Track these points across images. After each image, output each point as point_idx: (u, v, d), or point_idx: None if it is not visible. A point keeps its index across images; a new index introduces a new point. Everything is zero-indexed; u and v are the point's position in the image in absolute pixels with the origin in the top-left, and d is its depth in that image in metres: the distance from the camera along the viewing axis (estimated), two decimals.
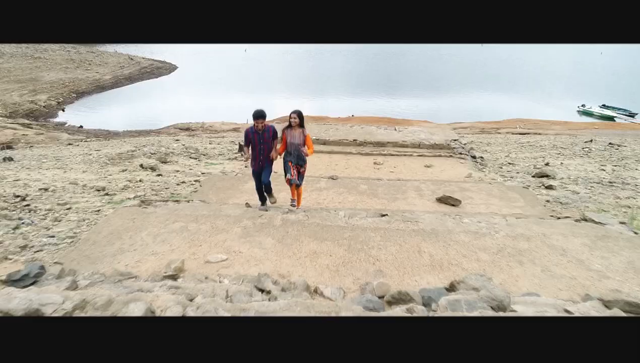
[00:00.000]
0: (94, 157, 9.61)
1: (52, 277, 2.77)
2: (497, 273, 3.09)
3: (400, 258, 3.27)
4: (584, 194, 6.59)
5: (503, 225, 3.88)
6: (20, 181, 7.13)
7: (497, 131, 20.39)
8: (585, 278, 3.06)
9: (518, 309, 2.37)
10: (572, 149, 11.21)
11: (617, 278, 3.06)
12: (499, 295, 2.44)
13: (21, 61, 31.89)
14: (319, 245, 3.42)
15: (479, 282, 2.80)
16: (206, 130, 21.97)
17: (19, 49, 33.57)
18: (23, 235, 4.41)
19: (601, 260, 3.29)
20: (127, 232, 3.57)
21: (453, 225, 3.86)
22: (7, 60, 31.41)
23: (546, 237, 3.62)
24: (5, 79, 28.87)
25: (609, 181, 7.60)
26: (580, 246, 3.50)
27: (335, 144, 9.27)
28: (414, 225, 3.81)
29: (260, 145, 4.56)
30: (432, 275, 3.07)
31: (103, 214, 5.12)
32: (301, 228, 3.70)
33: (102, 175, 7.62)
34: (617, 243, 3.55)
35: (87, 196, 6.17)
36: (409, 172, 7.89)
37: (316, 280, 2.95)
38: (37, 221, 4.99)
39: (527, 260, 3.28)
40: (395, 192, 5.91)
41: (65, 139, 19.19)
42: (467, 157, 8.78)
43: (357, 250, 3.36)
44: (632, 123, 23.54)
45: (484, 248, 3.43)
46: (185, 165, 8.76)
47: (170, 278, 2.79)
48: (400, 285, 2.90)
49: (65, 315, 2.08)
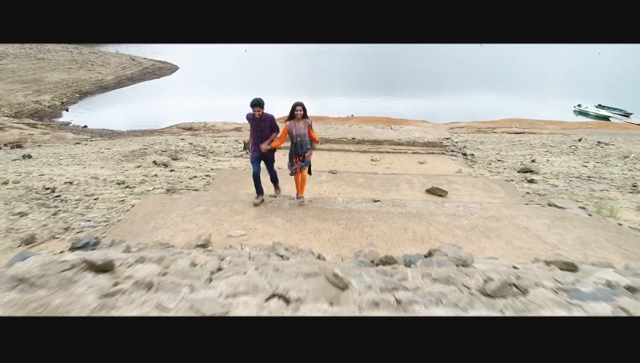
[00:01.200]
0: (108, 155, 10.31)
1: (106, 245, 3.46)
2: (468, 245, 3.79)
3: (389, 234, 3.97)
4: (562, 187, 7.30)
5: (478, 209, 4.59)
6: (45, 176, 7.83)
7: (493, 131, 21.07)
8: (540, 249, 3.76)
9: (477, 266, 3.07)
10: (560, 147, 11.93)
11: (566, 249, 3.77)
12: (463, 256, 3.15)
13: (25, 62, 32.57)
14: (321, 224, 4.13)
15: (451, 251, 3.50)
16: (208, 129, 22.63)
17: (23, 50, 34.24)
18: (63, 219, 5.12)
19: (556, 235, 4.00)
20: (159, 214, 4.28)
21: (435, 208, 4.57)
22: (11, 61, 32.08)
23: (513, 218, 4.33)
24: (10, 79, 29.55)
25: (587, 176, 8.31)
26: (541, 225, 4.20)
27: (335, 142, 9.98)
28: (401, 209, 4.52)
29: (257, 132, 4.63)
30: (415, 246, 3.77)
31: (128, 203, 5.83)
32: (306, 211, 4.41)
33: (120, 171, 8.32)
34: (572, 223, 4.26)
35: (110, 188, 6.87)
36: (403, 168, 8.59)
37: (319, 250, 3.65)
38: (70, 209, 5.70)
39: (494, 235, 3.98)
40: (389, 184, 6.61)
41: (71, 139, 19.79)
42: (459, 154, 9.49)
43: (353, 228, 4.06)
44: (625, 123, 24.21)
45: (460, 227, 4.13)
46: (195, 162, 9.47)
47: (201, 247, 3.49)
48: (388, 253, 3.60)
49: (129, 266, 2.76)
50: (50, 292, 2.11)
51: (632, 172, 8.71)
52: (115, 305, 2.02)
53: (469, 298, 2.20)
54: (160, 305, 2.00)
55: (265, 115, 4.62)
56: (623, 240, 3.93)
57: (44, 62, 33.13)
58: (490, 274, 2.64)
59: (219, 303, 2.02)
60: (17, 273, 2.24)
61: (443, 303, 2.12)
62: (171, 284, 2.23)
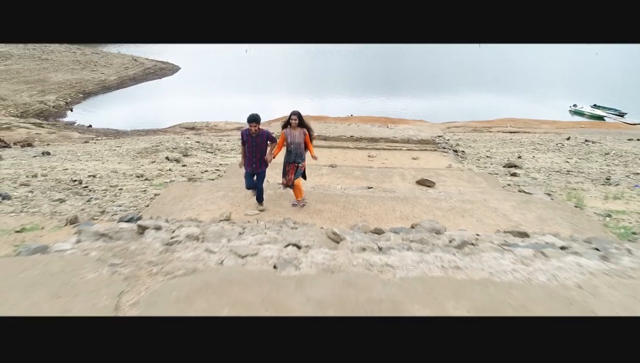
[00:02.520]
0: (122, 151, 11.13)
1: (147, 219, 4.26)
2: (445, 222, 4.61)
3: (380, 213, 4.79)
4: (540, 180, 8.12)
5: (456, 194, 5.41)
6: (69, 170, 8.65)
7: (488, 130, 21.88)
8: (505, 225, 4.58)
9: (447, 233, 3.88)
10: (548, 145, 12.76)
11: (527, 225, 4.58)
12: (436, 227, 3.98)
13: (29, 62, 33.37)
14: (322, 206, 4.95)
15: (429, 224, 4.31)
16: (211, 129, 23.41)
17: (26, 51, 35.04)
18: (97, 205, 5.94)
19: (520, 215, 4.82)
20: (184, 197, 5.10)
21: (420, 194, 5.39)
22: (15, 62, 32.88)
23: (485, 201, 5.15)
24: (15, 80, 30.35)
25: (567, 170, 9.13)
26: (508, 207, 5.02)
27: (334, 140, 10.80)
28: (391, 194, 5.35)
29: (253, 147, 4.73)
30: (401, 223, 4.59)
31: (150, 193, 6.64)
32: (309, 195, 5.22)
33: (136, 166, 9.14)
34: (535, 205, 5.08)
35: (131, 181, 7.69)
36: (398, 163, 9.41)
37: (321, 225, 4.46)
38: (100, 197, 6.51)
39: (468, 215, 4.80)
40: (383, 176, 7.43)
41: (77, 138, 20.52)
42: (450, 151, 10.32)
43: (349, 209, 4.88)
44: (617, 122, 25.02)
45: (439, 208, 4.95)
46: (204, 158, 10.30)
47: (224, 221, 4.30)
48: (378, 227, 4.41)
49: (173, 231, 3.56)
50: (126, 242, 2.94)
51: (610, 167, 9.53)
52: (176, 250, 2.84)
53: (431, 247, 3.02)
54: (208, 249, 2.83)
55: (261, 131, 4.75)
56: (576, 218, 4.75)
57: (48, 63, 33.95)
58: (455, 237, 3.47)
59: (250, 248, 2.85)
60: (98, 230, 3.07)
61: (412, 249, 2.95)
62: (213, 237, 3.05)
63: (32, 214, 5.44)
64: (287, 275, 2.51)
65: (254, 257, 2.71)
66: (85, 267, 2.58)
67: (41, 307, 2.22)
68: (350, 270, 2.57)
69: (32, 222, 5.13)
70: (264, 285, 2.39)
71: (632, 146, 13.28)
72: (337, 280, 2.44)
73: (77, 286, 2.39)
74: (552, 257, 2.78)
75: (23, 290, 2.37)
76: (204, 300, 2.25)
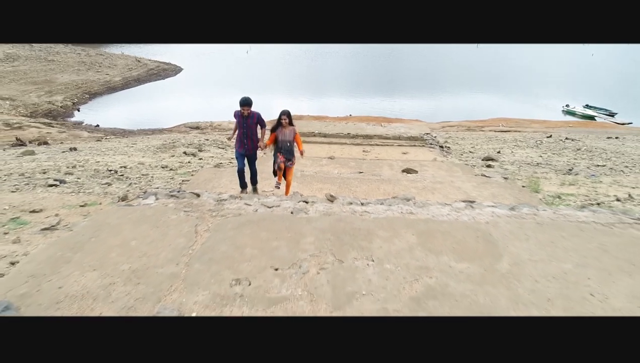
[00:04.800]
0: (142, 148, 12.58)
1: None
2: (418, 196, 6.05)
3: (367, 191, 6.24)
4: (511, 170, 9.57)
5: (430, 177, 6.87)
6: (101, 162, 10.09)
7: (481, 129, 23.34)
8: (463, 198, 6.01)
9: (417, 200, 5.32)
10: (528, 142, 14.23)
11: (481, 199, 6.02)
12: (408, 195, 5.42)
13: (36, 64, 34.81)
14: (322, 185, 6.40)
15: (404, 195, 5.76)
16: (215, 128, 24.80)
17: (33, 52, 36.48)
18: (139, 187, 7.38)
19: (477, 191, 6.27)
20: (213, 179, 6.55)
21: (401, 177, 6.85)
22: (22, 63, 34.31)
23: (452, 182, 6.61)
24: (23, 80, 31.81)
25: (537, 163, 10.59)
26: (470, 186, 6.48)
27: (333, 137, 12.26)
28: (377, 177, 6.80)
29: (244, 128, 5.13)
30: (383, 197, 6.03)
31: (177, 180, 8.08)
32: (312, 177, 6.68)
33: (159, 159, 10.59)
34: (491, 185, 6.54)
35: (158, 171, 9.13)
36: (389, 157, 10.86)
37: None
38: (137, 182, 7.95)
39: (437, 191, 6.25)
40: (375, 167, 8.89)
41: (87, 137, 21.88)
42: (436, 146, 11.78)
43: (343, 187, 6.33)
44: (605, 122, 26.50)
45: (415, 187, 6.41)
46: (217, 153, 11.75)
47: None
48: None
49: (214, 200, 5.01)
50: (189, 199, 4.40)
51: (576, 161, 10.99)
52: (224, 204, 4.30)
53: (397, 203, 4.47)
54: (246, 203, 4.29)
55: (252, 113, 5.11)
56: (520, 194, 6.21)
57: (54, 64, 35.40)
58: (418, 201, 4.92)
59: (274, 202, 4.31)
60: (168, 192, 4.51)
61: (384, 204, 4.40)
62: (247, 197, 4.50)
63: (88, 194, 6.88)
64: (300, 217, 3.97)
65: (278, 207, 4.17)
66: (168, 212, 4.04)
67: (148, 232, 3.67)
68: (341, 213, 4.03)
69: (90, 200, 6.57)
70: (286, 221, 3.84)
71: (606, 143, 14.76)
72: (332, 218, 3.90)
73: (167, 222, 3.84)
74: (477, 208, 4.23)
75: (132, 224, 3.82)
76: (248, 228, 3.70)
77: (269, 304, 2.72)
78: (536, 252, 3.39)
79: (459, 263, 3.24)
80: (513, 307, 2.71)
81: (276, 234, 3.60)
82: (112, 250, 3.38)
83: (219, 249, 3.38)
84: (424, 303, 2.76)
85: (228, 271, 3.11)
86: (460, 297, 2.84)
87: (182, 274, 3.07)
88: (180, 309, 2.64)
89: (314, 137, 12.01)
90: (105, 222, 3.83)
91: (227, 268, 3.15)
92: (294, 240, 3.51)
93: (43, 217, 5.58)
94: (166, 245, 3.44)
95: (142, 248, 3.40)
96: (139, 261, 3.22)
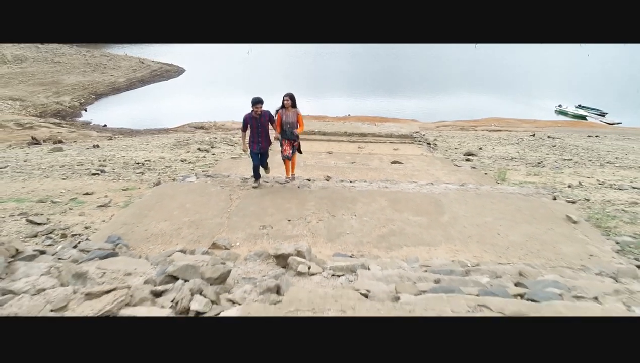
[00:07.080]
0: (158, 145, 14.18)
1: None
2: (399, 181, 7.64)
3: (357, 176, 7.83)
4: (487, 163, 11.15)
5: (410, 166, 8.47)
6: (126, 157, 11.68)
7: (474, 128, 24.92)
8: (437, 182, 7.60)
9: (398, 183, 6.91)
10: (510, 140, 15.82)
11: (448, 181, 7.61)
12: (390, 178, 7.03)
13: (43, 65, 36.46)
14: (321, 172, 8.00)
15: (385, 178, 7.37)
16: (219, 128, 26.31)
17: (39, 54, 38.13)
18: (167, 175, 8.96)
19: (447, 177, 7.87)
20: (232, 167, 8.16)
21: (386, 166, 8.46)
22: (30, 64, 35.96)
23: (428, 170, 8.22)
24: (31, 81, 33.44)
25: (512, 157, 12.17)
26: (442, 173, 8.08)
27: (331, 135, 13.86)
28: (366, 166, 8.41)
29: (258, 128, 5.50)
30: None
31: (198, 171, 9.66)
32: (313, 167, 8.29)
33: (176, 154, 12.18)
34: (460, 173, 8.14)
35: (179, 164, 10.72)
36: (381, 152, 12.45)
37: None
38: (164, 172, 9.54)
39: (414, 177, 7.85)
40: (367, 160, 10.48)
41: (96, 136, 23.35)
42: (424, 143, 13.38)
43: (338, 174, 7.93)
44: (594, 122, 28.11)
45: (397, 174, 8.01)
46: (227, 149, 13.34)
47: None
48: None
49: (240, 179, 6.61)
50: (222, 178, 6.03)
51: (548, 156, 12.58)
52: (248, 182, 5.90)
53: (376, 180, 6.08)
54: (264, 181, 5.88)
55: (263, 112, 5.49)
56: (482, 179, 7.80)
57: (60, 65, 37.06)
58: (394, 180, 6.53)
59: (286, 180, 5.90)
60: (203, 172, 6.13)
61: (366, 181, 6.01)
62: (265, 178, 6.09)
63: (127, 181, 8.47)
64: (305, 189, 5.58)
65: (288, 183, 5.76)
66: (208, 186, 5.64)
67: (197, 199, 5.26)
68: (334, 187, 5.64)
69: (130, 185, 8.14)
70: (295, 192, 5.46)
71: (583, 141, 16.36)
72: (328, 190, 5.51)
73: (209, 192, 5.45)
74: (435, 184, 5.84)
75: (184, 193, 5.42)
76: (268, 196, 5.31)
77: (285, 239, 4.31)
78: (469, 211, 4.99)
79: (415, 217, 4.84)
80: (445, 241, 4.30)
81: (288, 200, 5.20)
82: (174, 209, 4.98)
83: (249, 209, 4.99)
84: (387, 239, 4.36)
85: (257, 221, 4.71)
86: (411, 236, 4.44)
87: (226, 223, 4.67)
88: (229, 240, 4.23)
89: (314, 135, 13.59)
90: (164, 192, 5.44)
91: (256, 220, 4.75)
92: (300, 203, 5.12)
93: (95, 198, 7.16)
94: (211, 206, 5.04)
95: (195, 208, 5.00)
96: (195, 216, 4.82)
